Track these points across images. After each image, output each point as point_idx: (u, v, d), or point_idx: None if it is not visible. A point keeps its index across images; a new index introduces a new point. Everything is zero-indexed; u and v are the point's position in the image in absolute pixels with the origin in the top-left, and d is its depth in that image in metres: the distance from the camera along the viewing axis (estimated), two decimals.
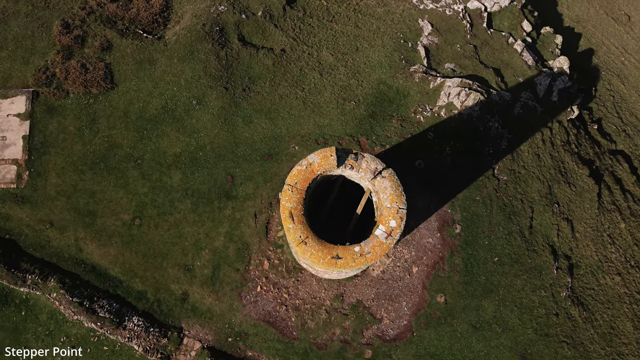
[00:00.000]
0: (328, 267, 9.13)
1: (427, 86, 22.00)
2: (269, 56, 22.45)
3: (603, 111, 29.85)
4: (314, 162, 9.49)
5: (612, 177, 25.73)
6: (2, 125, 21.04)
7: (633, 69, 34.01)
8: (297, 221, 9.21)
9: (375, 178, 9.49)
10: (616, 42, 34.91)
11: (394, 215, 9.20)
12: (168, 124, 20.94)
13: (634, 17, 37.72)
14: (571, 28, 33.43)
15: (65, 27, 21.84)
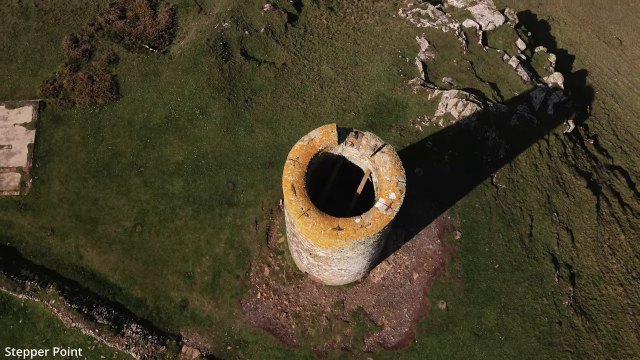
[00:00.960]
0: (330, 237, 9.24)
1: (425, 98, 22.53)
2: (271, 69, 23.09)
3: (598, 128, 30.35)
4: (315, 137, 9.76)
5: (610, 190, 25.95)
6: (8, 134, 21.44)
7: (626, 89, 34.78)
8: (299, 194, 9.39)
9: (374, 154, 9.74)
10: (609, 64, 35.84)
11: (393, 188, 9.39)
12: (171, 133, 21.34)
13: (625, 41, 38.84)
14: (564, 50, 34.38)
15: (74, 42, 22.56)
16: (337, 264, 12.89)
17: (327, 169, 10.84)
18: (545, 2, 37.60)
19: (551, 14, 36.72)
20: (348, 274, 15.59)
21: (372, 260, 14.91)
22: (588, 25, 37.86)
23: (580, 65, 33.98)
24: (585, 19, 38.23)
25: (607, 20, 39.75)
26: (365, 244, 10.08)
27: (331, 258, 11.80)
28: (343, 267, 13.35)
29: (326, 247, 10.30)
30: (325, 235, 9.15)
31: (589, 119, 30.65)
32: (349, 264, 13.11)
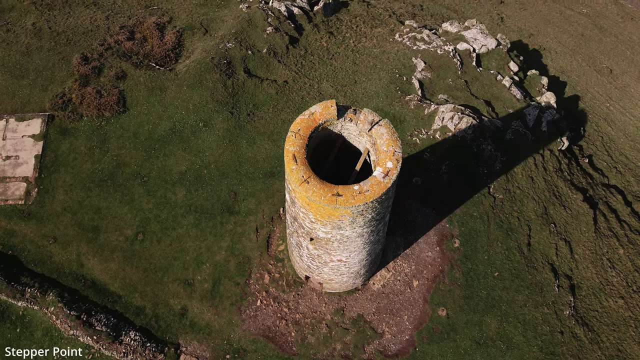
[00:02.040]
0: (329, 204, 9.54)
1: (422, 112, 23.25)
2: (273, 86, 23.94)
3: (593, 149, 30.98)
4: (315, 111, 10.25)
5: (606, 206, 26.24)
6: (16, 145, 22.00)
7: (619, 114, 35.69)
8: (300, 163, 9.76)
9: (372, 128, 10.20)
10: (600, 90, 36.94)
11: (390, 158, 9.79)
12: (175, 144, 21.91)
13: (615, 70, 40.14)
14: (556, 77, 35.53)
15: (84, 60, 23.52)
16: (336, 253, 13.07)
17: (327, 149, 11.27)
18: (536, 33, 39.17)
19: (542, 44, 38.17)
20: (348, 271, 15.69)
21: (371, 255, 15.06)
22: (578, 54, 39.27)
23: (573, 91, 35.02)
24: (575, 49, 39.70)
25: (596, 50, 41.25)
26: (364, 216, 10.36)
27: (331, 241, 12.01)
28: (343, 257, 13.50)
29: (326, 222, 10.56)
30: (325, 202, 9.46)
31: (583, 140, 31.32)
32: (349, 253, 13.28)
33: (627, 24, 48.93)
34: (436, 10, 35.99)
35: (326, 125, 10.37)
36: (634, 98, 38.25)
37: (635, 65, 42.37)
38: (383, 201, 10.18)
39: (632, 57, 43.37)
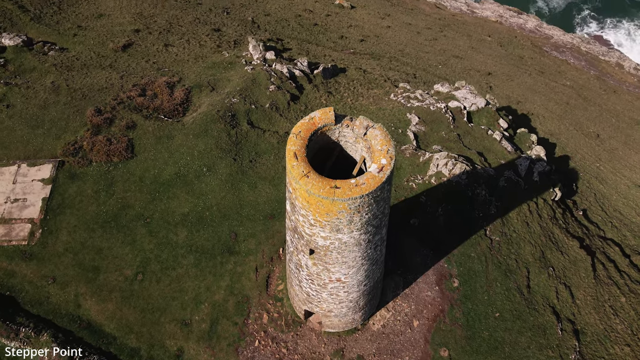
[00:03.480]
0: (328, 195, 10.03)
1: (417, 160, 24.26)
2: (274, 136, 25.18)
3: (586, 204, 31.62)
4: (315, 117, 11.09)
5: (604, 255, 26.38)
6: (25, 189, 22.71)
7: (609, 173, 36.77)
8: (301, 159, 10.40)
9: (367, 132, 11.00)
10: (589, 151, 38.35)
11: (384, 155, 10.44)
12: (179, 187, 22.64)
13: (602, 135, 41.94)
14: (545, 138, 37.04)
15: (98, 112, 24.98)
16: (335, 268, 13.28)
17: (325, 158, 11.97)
18: (523, 100, 41.45)
19: (530, 110, 40.24)
20: (347, 298, 15.69)
21: (369, 278, 15.18)
22: (565, 120, 41.25)
23: (562, 151, 36.37)
24: (562, 115, 41.77)
25: (582, 117, 43.38)
26: (360, 214, 10.80)
27: (330, 250, 12.32)
28: (342, 274, 13.68)
29: (325, 222, 10.99)
30: (324, 193, 9.98)
31: (577, 195, 32.06)
32: (348, 269, 13.48)
33: (610, 96, 51.83)
34: (428, 78, 38.45)
35: (325, 130, 11.18)
36: (623, 160, 39.62)
37: (621, 132, 44.32)
38: (378, 199, 10.71)
39: (617, 124, 45.49)
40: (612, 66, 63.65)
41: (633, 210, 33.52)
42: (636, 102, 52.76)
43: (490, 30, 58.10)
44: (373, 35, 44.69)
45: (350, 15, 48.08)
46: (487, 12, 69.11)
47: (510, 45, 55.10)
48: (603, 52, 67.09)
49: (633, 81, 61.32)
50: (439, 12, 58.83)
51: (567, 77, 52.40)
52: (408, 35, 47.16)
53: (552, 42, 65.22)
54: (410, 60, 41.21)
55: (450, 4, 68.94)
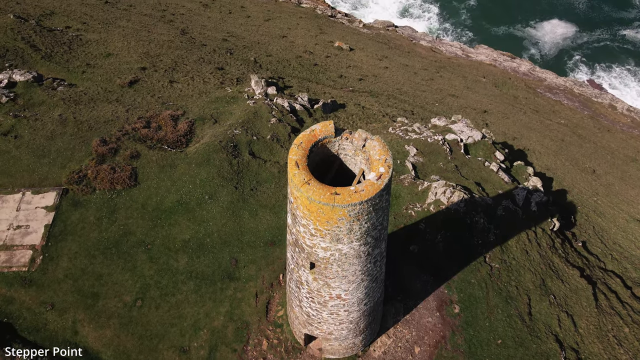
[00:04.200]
0: (328, 202, 10.30)
1: (416, 189, 24.64)
2: (275, 166, 25.67)
3: (586, 236, 31.74)
4: (316, 129, 11.53)
5: (605, 286, 26.29)
6: (28, 216, 22.95)
7: (607, 207, 37.05)
8: (302, 168, 10.75)
9: (365, 144, 11.43)
10: (586, 186, 38.78)
11: (382, 164, 10.79)
12: (181, 215, 22.89)
13: (598, 170, 42.52)
14: (542, 173, 37.57)
15: (103, 142, 25.58)
16: (335, 282, 13.37)
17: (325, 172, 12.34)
18: (519, 136, 42.30)
19: (526, 146, 40.99)
20: (347, 319, 15.63)
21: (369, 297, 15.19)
22: (561, 155, 41.95)
23: (560, 185, 36.81)
24: (558, 151, 42.51)
25: (578, 153, 44.12)
26: (360, 223, 11.04)
27: (330, 263, 12.46)
28: (342, 289, 13.75)
29: (325, 231, 11.22)
30: (324, 200, 10.28)
31: (575, 228, 32.22)
32: (348, 285, 13.56)
33: (604, 134, 52.87)
34: (426, 114, 39.43)
35: (325, 142, 11.62)
36: (620, 195, 40.00)
37: (616, 168, 44.95)
38: (377, 207, 10.98)
39: (612, 160, 46.20)
40: (605, 107, 65.18)
41: (632, 243, 33.58)
42: (630, 141, 53.75)
43: (485, 72, 59.95)
44: (371, 75, 46.16)
45: (349, 57, 49.80)
46: (481, 56, 71.48)
47: (504, 86, 56.72)
48: (595, 94, 68.87)
49: (626, 121, 62.65)
50: (435, 55, 60.91)
51: (561, 116, 53.64)
52: (405, 75, 48.68)
53: (545, 84, 67.09)
54: (407, 98, 42.39)
55: (446, 48, 71.41)
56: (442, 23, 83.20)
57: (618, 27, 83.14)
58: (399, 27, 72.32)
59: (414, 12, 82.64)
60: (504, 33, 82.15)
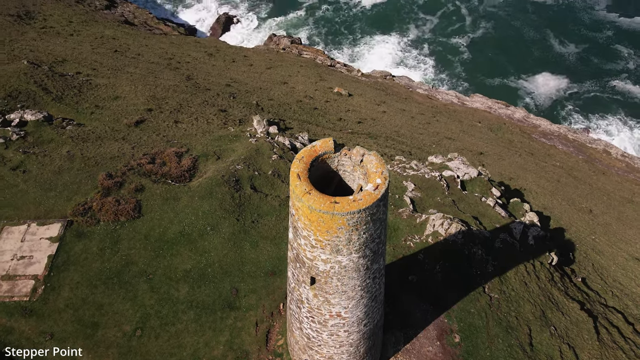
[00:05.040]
0: (328, 210, 10.77)
1: (414, 221, 25.09)
2: (276, 200, 26.24)
3: (585, 272, 31.83)
4: (316, 145, 12.18)
5: (607, 321, 26.18)
6: (32, 246, 23.27)
7: (605, 246, 37.25)
8: (303, 179, 11.30)
9: (363, 159, 12.07)
10: (584, 225, 39.12)
11: (379, 176, 11.36)
12: (183, 245, 23.21)
13: (595, 210, 42.97)
14: (539, 212, 38.03)
15: (109, 176, 26.29)
16: (335, 299, 13.61)
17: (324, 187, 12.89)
18: (515, 177, 43.12)
19: (522, 186, 41.72)
20: (347, 341, 15.68)
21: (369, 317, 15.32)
22: (558, 195, 42.58)
23: (557, 224, 37.19)
24: (554, 192, 43.18)
25: (574, 194, 44.77)
26: (358, 232, 11.48)
27: (330, 276, 12.78)
28: (342, 306, 13.95)
29: (325, 241, 11.65)
30: (324, 208, 10.78)
31: (574, 264, 32.36)
32: (348, 301, 13.79)
33: (599, 177, 53.75)
34: (423, 155, 40.39)
35: (325, 158, 12.25)
36: (618, 234, 40.27)
37: (613, 209, 45.45)
38: (375, 218, 11.47)
39: (609, 201, 46.77)
40: (600, 152, 66.50)
41: (632, 281, 33.58)
42: (625, 183, 54.55)
43: (480, 117, 61.71)
44: (370, 118, 47.61)
45: (348, 102, 51.51)
46: (476, 104, 73.72)
47: (499, 130, 58.23)
48: (590, 140, 70.42)
49: (621, 166, 63.75)
50: (431, 102, 62.89)
51: (556, 159, 54.75)
52: (403, 119, 50.18)
53: (539, 130, 68.81)
54: (405, 139, 43.57)
55: (442, 96, 73.76)
56: (438, 74, 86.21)
57: (607, 78, 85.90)
58: (396, 77, 75.04)
59: (409, 63, 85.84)
60: (499, 84, 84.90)
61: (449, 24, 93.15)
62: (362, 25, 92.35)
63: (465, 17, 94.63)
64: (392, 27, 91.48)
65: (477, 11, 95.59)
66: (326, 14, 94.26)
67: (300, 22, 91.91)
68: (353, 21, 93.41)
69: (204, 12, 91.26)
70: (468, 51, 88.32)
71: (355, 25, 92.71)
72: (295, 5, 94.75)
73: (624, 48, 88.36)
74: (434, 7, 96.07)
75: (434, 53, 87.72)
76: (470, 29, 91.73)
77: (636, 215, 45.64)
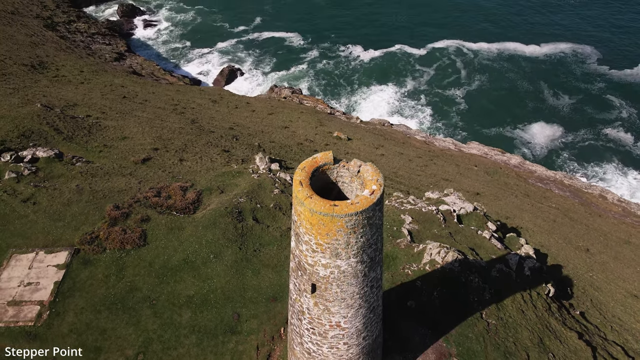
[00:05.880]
0: (328, 212, 11.63)
1: (412, 251, 25.76)
2: (278, 231, 27.03)
3: (583, 307, 32.03)
4: (317, 157, 13.22)
5: (606, 352, 26.26)
6: (39, 273, 23.84)
7: (604, 283, 37.50)
8: (305, 186, 12.22)
9: (360, 170, 13.10)
10: (581, 262, 39.51)
11: (374, 183, 12.28)
12: (186, 272, 23.79)
13: (592, 249, 43.42)
14: (537, 249, 38.58)
15: (116, 207, 27.22)
16: (335, 307, 14.19)
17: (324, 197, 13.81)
18: (512, 216, 43.91)
19: (519, 225, 42.44)
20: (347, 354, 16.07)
21: (368, 329, 15.80)
22: (555, 234, 43.21)
23: (554, 261, 37.64)
24: (550, 231, 43.83)
25: (570, 234, 45.38)
26: (356, 236, 12.29)
27: (330, 282, 13.45)
28: (341, 315, 14.50)
29: (325, 245, 12.45)
30: (325, 210, 11.67)
31: (573, 299, 32.60)
32: (347, 310, 14.35)
33: (595, 219, 54.48)
34: (420, 195, 41.42)
35: (325, 169, 13.27)
36: (615, 272, 40.56)
37: (610, 248, 45.90)
38: (371, 222, 12.32)
39: (605, 242, 47.28)
40: (596, 197, 67.50)
41: (632, 317, 33.68)
42: (622, 225, 55.17)
43: (477, 162, 63.26)
44: (368, 160, 48.95)
45: (347, 145, 53.19)
46: (473, 150, 75.57)
47: (496, 174, 59.58)
48: (586, 186, 71.57)
49: (618, 210, 64.56)
50: (428, 147, 64.70)
51: (552, 201, 55.70)
52: (401, 162, 51.64)
53: (535, 175, 70.17)
54: (403, 180, 44.76)
55: (439, 143, 75.77)
56: (434, 123, 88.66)
57: (601, 127, 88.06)
58: (395, 125, 77.43)
59: (406, 112, 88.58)
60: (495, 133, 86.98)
61: (445, 76, 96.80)
62: (360, 77, 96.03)
63: (460, 70, 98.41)
64: (389, 79, 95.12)
65: (472, 64, 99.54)
66: (327, 67, 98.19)
67: (302, 74, 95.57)
68: (352, 74, 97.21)
69: (208, 65, 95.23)
70: (464, 102, 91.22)
71: (353, 77, 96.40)
72: (298, 60, 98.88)
73: (616, 98, 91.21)
74: (430, 60, 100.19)
75: (431, 103, 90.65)
76: (465, 81, 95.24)
77: (633, 255, 46.00)
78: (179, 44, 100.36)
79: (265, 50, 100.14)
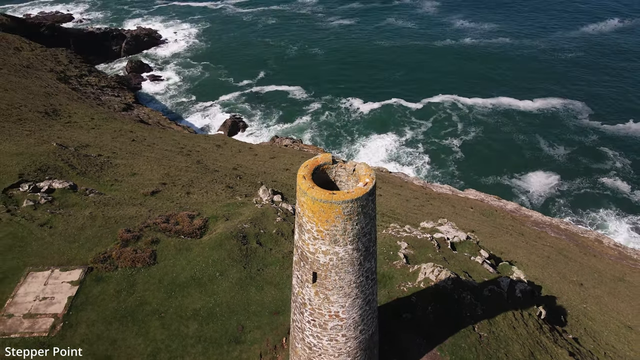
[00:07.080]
0: (327, 199, 13.41)
1: (407, 271, 27.16)
2: (280, 253, 28.54)
3: (577, 334, 32.84)
4: (317, 157, 15.11)
5: None
6: (54, 289, 25.14)
7: (598, 314, 38.30)
8: (308, 179, 14.08)
9: (355, 168, 15.02)
10: (574, 295, 40.44)
11: (367, 177, 14.11)
12: (193, 288, 25.10)
13: (586, 284, 44.36)
14: (531, 281, 39.64)
15: (127, 231, 28.88)
16: (334, 295, 15.62)
17: None
18: (506, 251, 45.22)
19: (513, 259, 43.68)
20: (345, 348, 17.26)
21: (365, 323, 17.08)
22: (549, 269, 44.34)
23: (548, 292, 38.66)
24: (544, 266, 45.00)
25: (565, 269, 46.49)
26: (352, 222, 13.98)
27: (329, 269, 14.97)
28: (339, 305, 15.88)
29: (325, 231, 14.15)
30: (324, 197, 13.50)
31: (567, 327, 33.44)
32: (345, 299, 15.77)
33: (590, 259, 55.59)
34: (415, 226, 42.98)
35: (325, 168, 15.17)
36: (609, 305, 41.39)
37: (605, 284, 46.84)
38: (365, 210, 14.05)
39: (600, 278, 48.25)
40: (592, 241, 68.71)
41: (626, 345, 34.38)
42: (616, 265, 56.17)
43: (472, 204, 65.11)
44: None
45: None
46: (469, 195, 77.60)
47: (491, 215, 61.27)
48: (582, 231, 72.92)
49: (613, 253, 65.61)
50: (425, 190, 66.79)
51: (547, 241, 57.02)
52: (398, 201, 53.53)
53: (531, 220, 71.73)
54: (400, 217, 46.45)
55: (436, 189, 77.94)
56: (432, 171, 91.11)
57: (597, 175, 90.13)
58: (392, 173, 79.96)
59: (403, 160, 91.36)
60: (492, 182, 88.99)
61: (441, 127, 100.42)
62: (359, 128, 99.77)
63: (456, 122, 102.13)
64: (388, 128, 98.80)
65: (468, 118, 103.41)
66: (329, 119, 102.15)
67: (305, 126, 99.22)
68: (352, 124, 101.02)
69: (212, 117, 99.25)
70: (461, 151, 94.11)
71: (353, 128, 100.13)
72: (301, 112, 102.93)
73: (610, 150, 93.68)
74: (426, 113, 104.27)
75: (428, 151, 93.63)
76: (462, 133, 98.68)
77: (628, 292, 46.84)
78: (185, 98, 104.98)
79: (269, 103, 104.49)
